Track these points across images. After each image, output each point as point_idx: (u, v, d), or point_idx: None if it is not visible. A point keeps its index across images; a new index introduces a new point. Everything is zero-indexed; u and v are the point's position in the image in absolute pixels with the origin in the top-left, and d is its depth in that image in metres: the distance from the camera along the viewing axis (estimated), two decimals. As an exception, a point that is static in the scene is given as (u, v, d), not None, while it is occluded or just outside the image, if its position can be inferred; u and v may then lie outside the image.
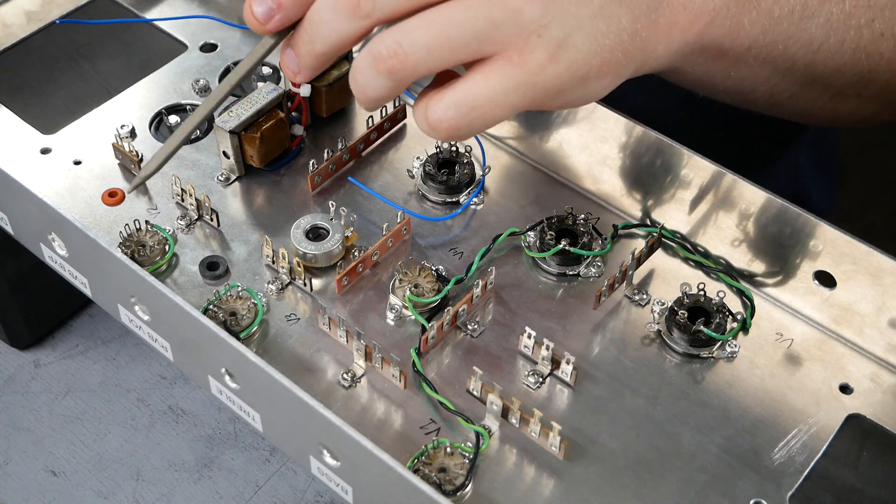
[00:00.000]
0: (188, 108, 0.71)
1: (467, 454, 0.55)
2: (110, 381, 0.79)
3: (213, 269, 0.63)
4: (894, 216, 1.48)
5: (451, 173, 0.67)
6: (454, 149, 0.67)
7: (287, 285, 0.63)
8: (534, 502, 0.54)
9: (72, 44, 0.76)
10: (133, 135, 0.70)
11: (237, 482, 0.73)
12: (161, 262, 0.63)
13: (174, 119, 0.70)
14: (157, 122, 0.71)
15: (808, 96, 0.66)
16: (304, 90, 0.68)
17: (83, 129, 0.70)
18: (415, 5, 0.50)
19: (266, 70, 0.73)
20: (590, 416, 0.57)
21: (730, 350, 0.60)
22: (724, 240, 0.64)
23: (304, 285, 0.62)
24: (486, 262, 0.63)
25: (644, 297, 0.62)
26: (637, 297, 0.62)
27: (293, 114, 0.68)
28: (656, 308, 0.61)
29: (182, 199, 0.66)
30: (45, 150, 0.69)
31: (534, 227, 0.65)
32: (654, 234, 0.64)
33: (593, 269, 0.63)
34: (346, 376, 0.58)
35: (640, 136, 0.65)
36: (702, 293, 0.60)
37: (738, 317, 0.61)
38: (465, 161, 0.67)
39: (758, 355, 0.60)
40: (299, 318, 0.61)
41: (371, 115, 0.69)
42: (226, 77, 0.55)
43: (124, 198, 0.66)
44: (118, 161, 0.68)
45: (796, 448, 0.56)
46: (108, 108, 0.71)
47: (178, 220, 0.65)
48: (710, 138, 0.71)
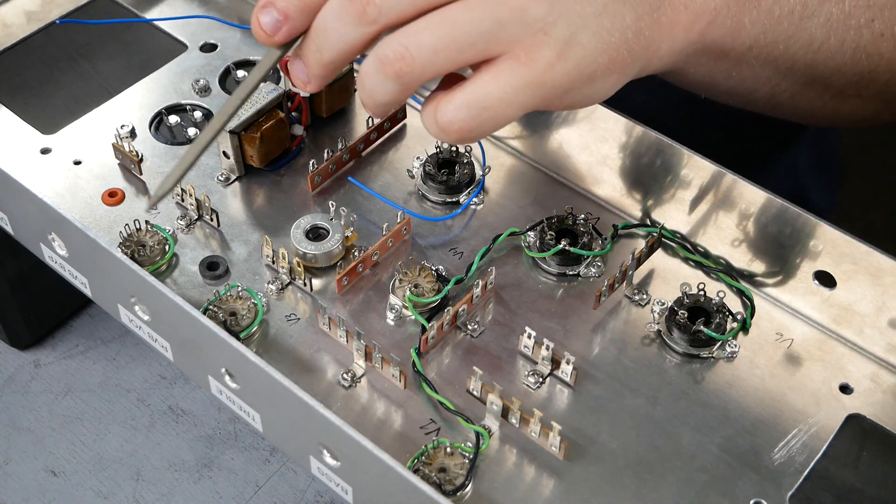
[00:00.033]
0: (188, 108, 0.71)
1: (467, 454, 0.55)
2: (110, 381, 0.79)
3: (213, 269, 0.63)
4: (894, 216, 1.48)
5: (451, 173, 0.67)
6: (454, 149, 0.67)
7: (287, 285, 0.63)
8: (534, 502, 0.54)
9: (72, 44, 0.76)
10: (133, 135, 0.70)
11: (237, 482, 0.73)
12: (161, 262, 0.63)
13: (174, 119, 0.70)
14: (157, 122, 0.71)
15: (808, 96, 0.66)
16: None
17: (83, 129, 0.70)
18: (420, 8, 0.49)
19: (266, 70, 0.73)
20: (590, 416, 0.57)
21: (730, 350, 0.60)
22: (724, 240, 0.64)
23: (304, 285, 0.62)
24: (486, 262, 0.63)
25: (644, 297, 0.62)
26: (637, 297, 0.62)
27: (293, 114, 0.68)
28: (656, 308, 0.61)
29: (182, 199, 0.66)
30: (45, 150, 0.69)
31: (534, 227, 0.65)
32: (654, 234, 0.64)
33: (593, 269, 0.63)
34: (346, 376, 0.58)
35: (640, 136, 0.65)
36: (702, 293, 0.60)
37: (738, 317, 0.61)
38: (465, 161, 0.67)
39: (758, 355, 0.60)
40: (299, 318, 0.61)
41: (371, 115, 0.69)
42: (235, 90, 0.55)
43: (124, 198, 0.66)
44: (118, 161, 0.68)
45: (796, 448, 0.56)
46: (108, 108, 0.71)
47: (178, 220, 0.65)
48: (710, 138, 0.71)
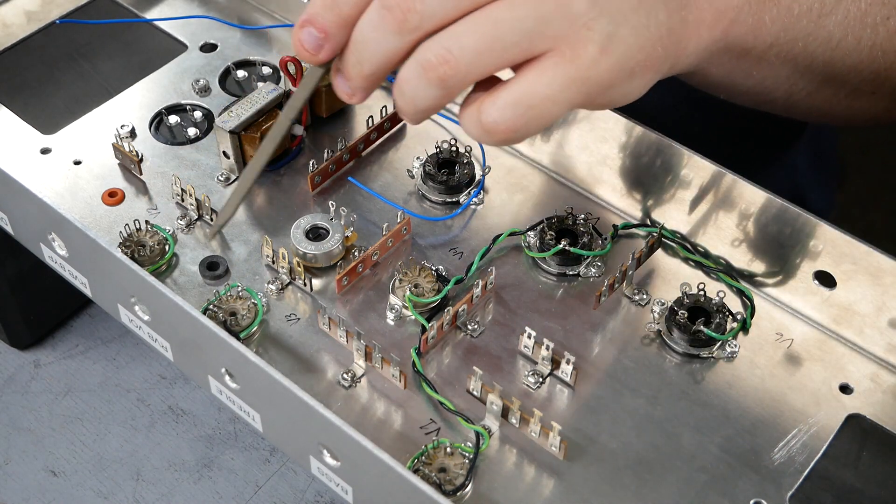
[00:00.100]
0: (188, 108, 0.71)
1: (467, 454, 0.55)
2: (110, 381, 0.79)
3: (213, 269, 0.63)
4: (894, 216, 1.48)
5: (451, 173, 0.67)
6: (454, 149, 0.67)
7: (287, 285, 0.63)
8: (534, 502, 0.54)
9: (72, 44, 0.76)
10: (133, 135, 0.70)
11: (237, 482, 0.73)
12: (161, 262, 0.63)
13: (174, 119, 0.70)
14: (157, 122, 0.71)
15: (824, 95, 0.66)
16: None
17: (83, 129, 0.70)
18: (462, 10, 0.48)
19: (266, 70, 0.73)
20: (590, 416, 0.57)
21: (730, 350, 0.60)
22: (724, 240, 0.64)
23: (304, 285, 0.62)
24: (486, 262, 0.63)
25: (644, 297, 0.62)
26: (637, 297, 0.62)
27: (293, 114, 0.68)
28: (656, 308, 0.61)
29: (182, 199, 0.66)
30: (45, 150, 0.69)
31: (534, 227, 0.65)
32: (654, 234, 0.64)
33: (593, 269, 0.63)
34: (346, 376, 0.58)
35: (640, 136, 0.65)
36: (702, 293, 0.60)
37: (738, 317, 0.61)
38: (465, 161, 0.67)
39: (758, 355, 0.60)
40: (299, 318, 0.61)
41: (371, 115, 0.69)
42: (282, 111, 0.54)
43: (124, 198, 0.66)
44: (118, 161, 0.68)
45: (796, 448, 0.56)
46: (108, 108, 0.71)
47: (178, 220, 0.65)
48: (709, 138, 0.71)
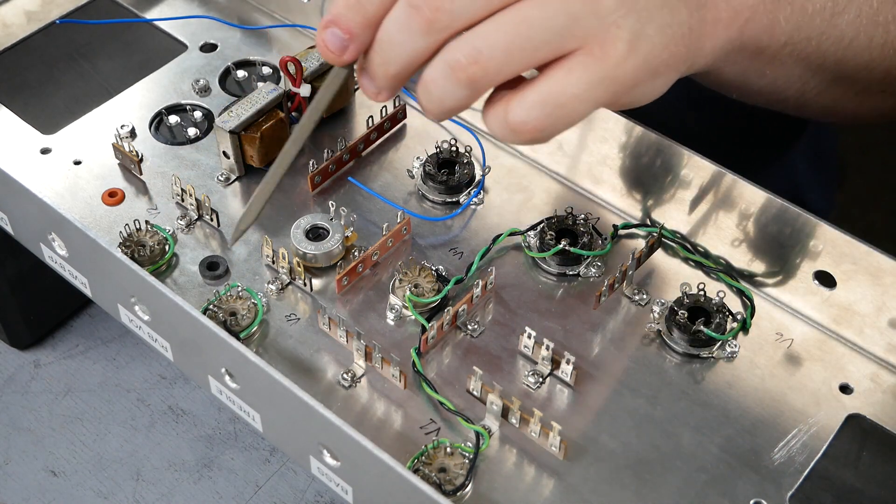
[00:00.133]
0: (188, 108, 0.71)
1: (467, 454, 0.55)
2: (110, 381, 0.79)
3: (213, 269, 0.63)
4: (894, 216, 1.47)
5: (451, 173, 0.67)
6: (454, 149, 0.67)
7: (287, 285, 0.63)
8: (534, 502, 0.54)
9: (72, 44, 0.76)
10: (133, 135, 0.70)
11: (237, 482, 0.73)
12: (161, 262, 0.63)
13: (174, 119, 0.70)
14: (157, 122, 0.71)
15: (835, 94, 0.66)
16: (304, 90, 0.67)
17: (83, 129, 0.70)
18: (492, 9, 0.48)
19: (266, 70, 0.73)
20: (590, 416, 0.57)
21: (730, 350, 0.60)
22: (724, 240, 0.64)
23: (304, 285, 0.62)
24: (486, 262, 0.63)
25: (644, 297, 0.62)
26: (637, 297, 0.62)
27: (293, 114, 0.68)
28: (656, 308, 0.61)
29: (182, 199, 0.66)
30: (45, 150, 0.69)
31: (534, 227, 0.65)
32: (654, 234, 0.64)
33: (593, 269, 0.63)
34: (346, 376, 0.58)
35: (640, 136, 0.65)
36: (702, 293, 0.60)
37: (738, 317, 0.61)
38: (465, 161, 0.67)
39: (758, 355, 0.60)
40: (299, 318, 0.61)
41: (371, 115, 0.69)
42: (305, 114, 0.53)
43: (124, 198, 0.66)
44: (118, 161, 0.68)
45: (796, 448, 0.56)
46: (108, 108, 0.71)
47: (178, 220, 0.65)
48: (708, 138, 0.71)
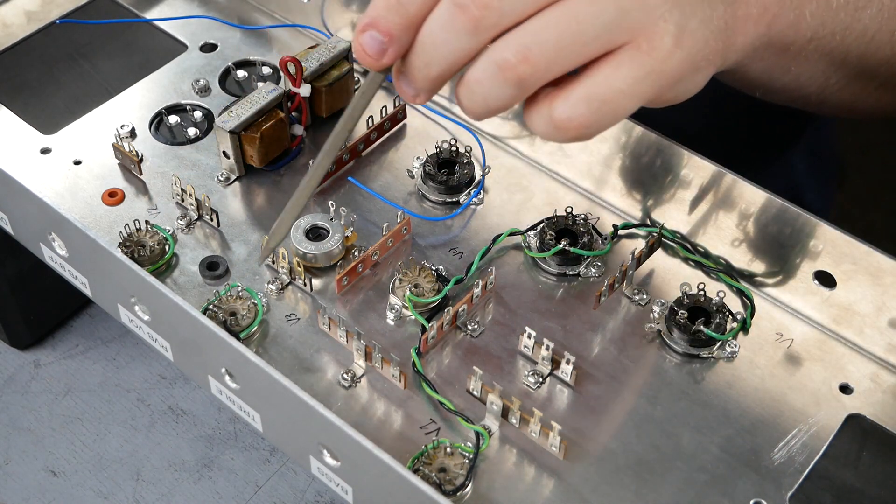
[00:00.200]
0: (188, 108, 0.71)
1: (467, 454, 0.55)
2: (110, 381, 0.79)
3: (213, 269, 0.63)
4: (894, 216, 1.47)
5: (451, 173, 0.67)
6: (454, 149, 0.67)
7: (287, 285, 0.63)
8: (534, 502, 0.54)
9: (72, 44, 0.76)
10: (133, 135, 0.70)
11: (237, 482, 0.73)
12: (161, 262, 0.63)
13: (174, 119, 0.70)
14: (157, 122, 0.71)
15: (854, 89, 0.66)
16: (304, 90, 0.67)
17: (83, 129, 0.70)
18: (539, 6, 0.47)
19: (266, 70, 0.73)
20: (590, 416, 0.57)
21: (730, 350, 0.60)
22: (724, 240, 0.64)
23: (304, 285, 0.62)
24: (486, 262, 0.63)
25: (644, 297, 0.62)
26: (637, 297, 0.62)
27: (293, 114, 0.68)
28: (656, 308, 0.61)
29: (182, 199, 0.66)
30: (45, 150, 0.69)
31: (534, 227, 0.65)
32: (654, 234, 0.64)
33: (593, 269, 0.63)
34: (346, 376, 0.58)
35: (640, 136, 0.65)
36: (702, 293, 0.60)
37: (738, 317, 0.61)
38: (465, 161, 0.67)
39: (758, 355, 0.60)
40: (299, 318, 0.61)
41: (371, 115, 0.69)
42: (339, 121, 0.52)
43: (124, 198, 0.66)
44: (118, 161, 0.68)
45: (796, 448, 0.56)
46: (108, 108, 0.71)
47: (178, 220, 0.65)
48: (708, 138, 0.71)
